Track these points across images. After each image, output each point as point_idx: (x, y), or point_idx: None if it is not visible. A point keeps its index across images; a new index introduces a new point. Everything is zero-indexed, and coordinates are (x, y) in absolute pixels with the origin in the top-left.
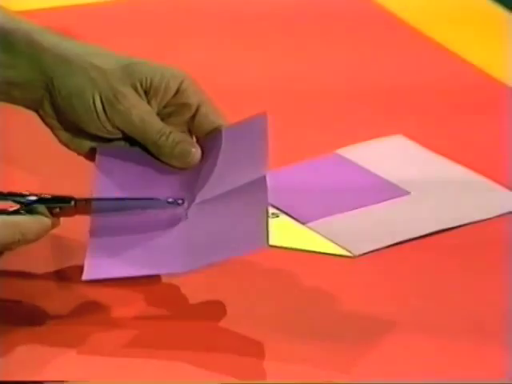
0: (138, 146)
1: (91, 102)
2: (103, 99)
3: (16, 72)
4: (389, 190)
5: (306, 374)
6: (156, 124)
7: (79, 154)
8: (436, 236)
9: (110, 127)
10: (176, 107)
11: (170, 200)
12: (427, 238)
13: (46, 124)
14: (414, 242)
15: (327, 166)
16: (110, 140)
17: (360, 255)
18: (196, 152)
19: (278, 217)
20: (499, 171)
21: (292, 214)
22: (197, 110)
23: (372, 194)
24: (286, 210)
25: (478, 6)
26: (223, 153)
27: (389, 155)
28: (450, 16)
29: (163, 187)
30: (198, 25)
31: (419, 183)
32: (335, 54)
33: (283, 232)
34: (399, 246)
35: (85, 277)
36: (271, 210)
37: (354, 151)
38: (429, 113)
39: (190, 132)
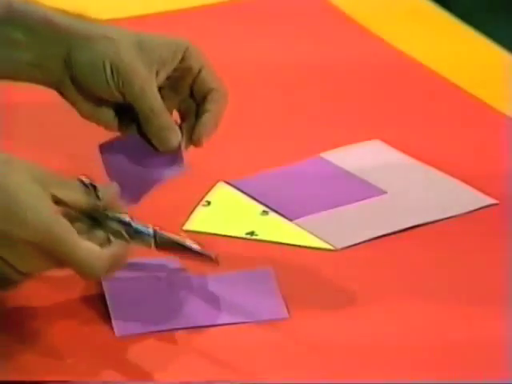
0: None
1: (102, 67)
2: (113, 66)
3: (36, 53)
4: (367, 190)
5: (301, 371)
6: (153, 98)
7: (99, 124)
8: (411, 230)
9: (116, 92)
10: (181, 72)
11: None
12: (403, 233)
13: (67, 100)
14: (390, 236)
15: (312, 168)
16: (118, 105)
17: (342, 248)
18: (176, 139)
19: (267, 214)
20: (468, 171)
21: (280, 212)
22: (198, 73)
23: (352, 193)
24: (275, 208)
25: (431, 10)
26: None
27: (368, 158)
28: (415, 28)
29: (164, 164)
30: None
31: (395, 183)
32: (309, 61)
33: (272, 228)
34: (377, 240)
35: (118, 333)
36: (262, 208)
37: (337, 155)
38: (403, 120)
39: (192, 94)
